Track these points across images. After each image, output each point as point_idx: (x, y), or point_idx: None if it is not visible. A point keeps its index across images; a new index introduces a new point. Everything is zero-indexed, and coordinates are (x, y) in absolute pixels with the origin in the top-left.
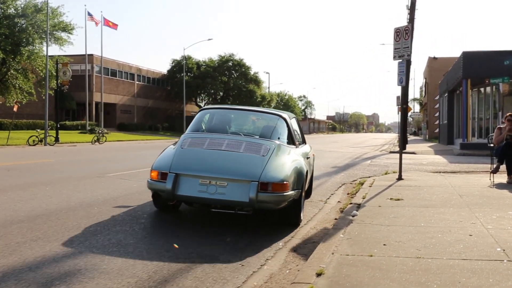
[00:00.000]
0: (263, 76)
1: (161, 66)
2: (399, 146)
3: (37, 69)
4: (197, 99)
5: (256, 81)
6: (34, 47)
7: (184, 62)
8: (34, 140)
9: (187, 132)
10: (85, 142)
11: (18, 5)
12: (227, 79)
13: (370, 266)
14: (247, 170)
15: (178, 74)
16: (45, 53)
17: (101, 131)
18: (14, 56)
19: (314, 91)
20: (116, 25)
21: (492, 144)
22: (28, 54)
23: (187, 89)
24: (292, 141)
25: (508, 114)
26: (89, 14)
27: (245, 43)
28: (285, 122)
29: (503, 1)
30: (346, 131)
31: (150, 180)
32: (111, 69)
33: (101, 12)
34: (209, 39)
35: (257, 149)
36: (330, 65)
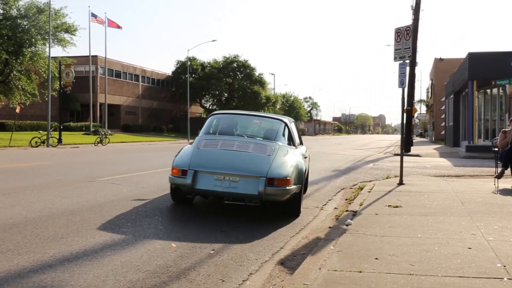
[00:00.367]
0: (269, 78)
1: (166, 67)
2: (401, 150)
3: (40, 70)
4: (202, 101)
5: (261, 83)
6: (37, 49)
7: (189, 63)
8: (37, 142)
9: (201, 135)
10: (88, 144)
11: (21, 6)
12: (232, 81)
13: (358, 284)
14: (256, 168)
15: (183, 75)
16: (48, 55)
17: (104, 133)
18: (17, 57)
19: (320, 92)
20: (120, 26)
21: (497, 148)
22: (31, 55)
23: (192, 90)
24: (292, 143)
25: None
26: (93, 15)
27: (250, 45)
28: (286, 126)
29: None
30: (352, 133)
31: (172, 176)
32: (116, 71)
33: (105, 13)
34: (214, 40)
35: (264, 150)
36: (336, 66)
